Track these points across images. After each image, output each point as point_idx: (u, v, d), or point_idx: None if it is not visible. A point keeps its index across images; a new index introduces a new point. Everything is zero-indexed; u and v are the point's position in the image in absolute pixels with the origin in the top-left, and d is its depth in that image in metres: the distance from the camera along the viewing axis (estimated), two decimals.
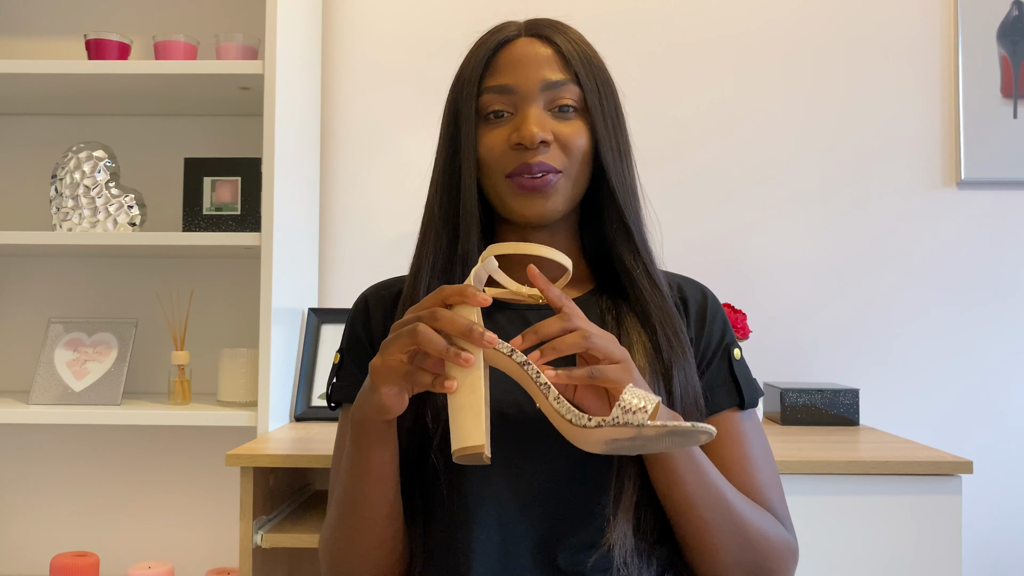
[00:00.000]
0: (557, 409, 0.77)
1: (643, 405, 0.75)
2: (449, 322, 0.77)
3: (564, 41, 0.96)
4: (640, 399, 0.76)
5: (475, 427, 0.76)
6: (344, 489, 0.90)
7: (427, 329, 0.77)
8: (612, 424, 0.75)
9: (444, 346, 0.76)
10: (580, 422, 0.76)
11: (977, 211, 1.90)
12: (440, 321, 0.77)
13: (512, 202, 0.95)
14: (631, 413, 0.75)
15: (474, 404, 0.77)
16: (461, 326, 0.76)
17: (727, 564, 0.90)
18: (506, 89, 0.95)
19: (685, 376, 0.93)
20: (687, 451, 0.86)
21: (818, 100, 1.92)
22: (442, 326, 0.77)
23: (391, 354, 0.79)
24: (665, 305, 0.95)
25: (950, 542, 1.32)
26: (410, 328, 0.77)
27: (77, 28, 1.92)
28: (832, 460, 1.32)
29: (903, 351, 1.89)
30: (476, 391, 0.77)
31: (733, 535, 0.89)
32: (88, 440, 1.92)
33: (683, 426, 0.75)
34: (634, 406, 0.75)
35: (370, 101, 1.96)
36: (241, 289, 1.90)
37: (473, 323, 0.77)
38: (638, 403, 0.75)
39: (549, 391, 0.77)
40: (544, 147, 0.93)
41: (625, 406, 0.75)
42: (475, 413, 0.77)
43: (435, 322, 0.77)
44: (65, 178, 1.71)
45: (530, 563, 0.89)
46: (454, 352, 0.76)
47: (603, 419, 0.76)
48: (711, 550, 0.90)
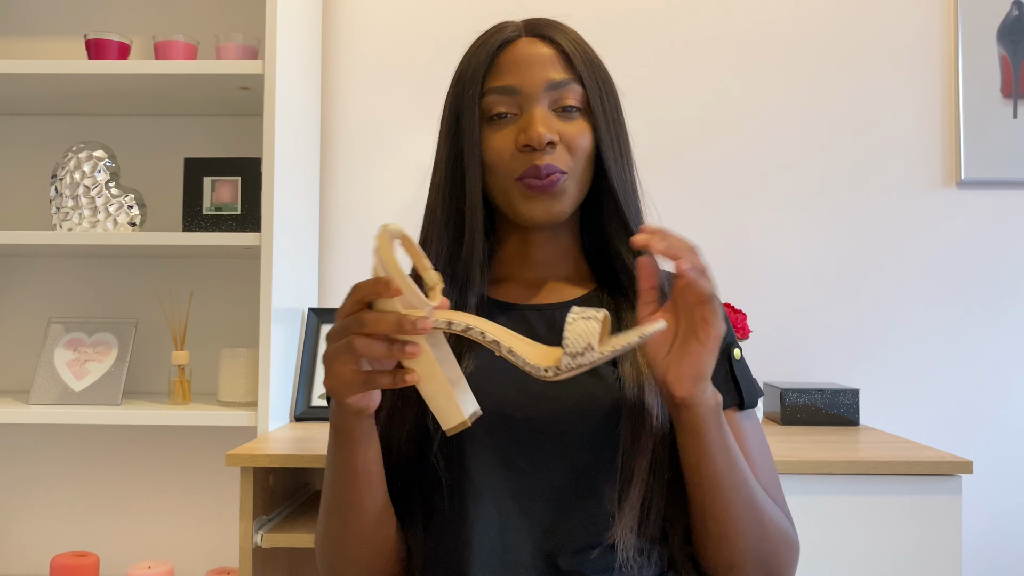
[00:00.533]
0: (514, 362, 0.78)
1: (588, 343, 0.75)
2: (376, 324, 0.75)
3: (565, 41, 0.96)
4: (583, 337, 0.75)
5: (448, 407, 0.78)
6: (332, 494, 0.90)
7: (362, 340, 0.75)
8: (567, 370, 0.76)
9: (385, 348, 0.75)
10: (537, 374, 0.77)
11: (977, 211, 1.90)
12: (368, 326, 0.75)
13: (520, 205, 0.95)
14: (580, 356, 0.75)
15: (440, 387, 0.78)
16: (390, 324, 0.75)
17: (743, 552, 0.89)
18: (510, 90, 0.94)
19: None
20: (722, 427, 0.85)
21: (818, 100, 1.92)
22: (373, 330, 0.75)
23: (338, 369, 0.78)
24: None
25: (950, 542, 1.32)
26: (345, 343, 0.76)
27: (77, 28, 1.92)
28: (832, 460, 1.32)
29: (903, 351, 1.89)
30: (435, 375, 0.78)
31: (752, 522, 0.89)
32: (88, 440, 1.92)
33: (632, 342, 0.76)
34: (580, 347, 0.75)
35: (370, 101, 1.96)
36: (241, 289, 1.90)
37: (401, 316, 0.75)
38: (582, 343, 0.75)
39: (500, 346, 0.78)
40: (551, 148, 0.93)
41: (571, 349, 0.75)
42: (444, 395, 0.78)
43: (364, 329, 0.76)
44: (65, 178, 1.71)
45: (530, 563, 0.88)
46: (398, 349, 0.76)
47: (557, 368, 0.76)
48: (731, 535, 0.89)
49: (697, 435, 0.86)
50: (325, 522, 0.92)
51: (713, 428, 0.85)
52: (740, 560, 0.90)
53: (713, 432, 0.85)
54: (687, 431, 0.86)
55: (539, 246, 1.01)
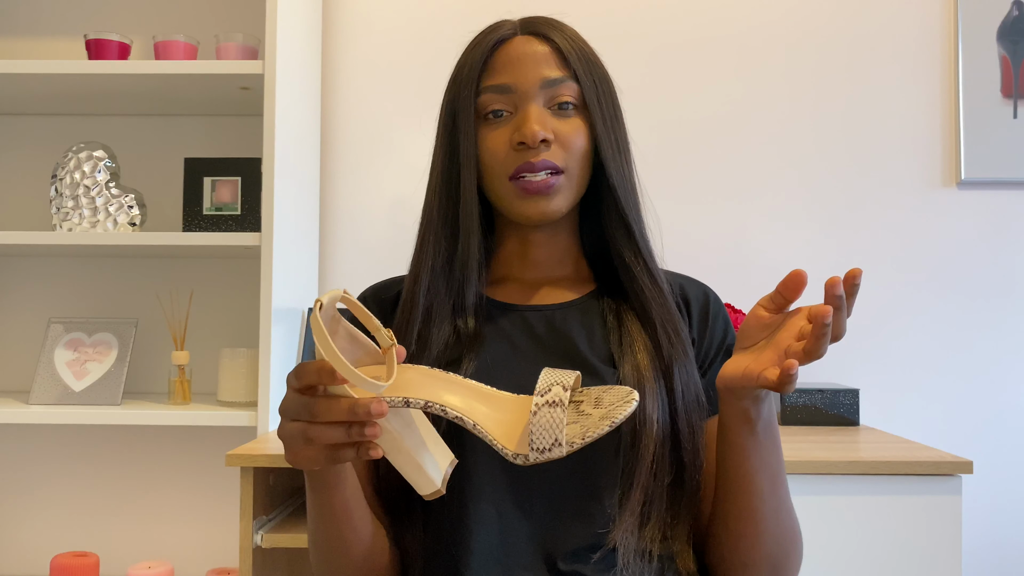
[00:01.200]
0: (483, 437, 0.76)
1: (555, 438, 0.73)
2: (328, 413, 0.71)
3: (561, 38, 0.96)
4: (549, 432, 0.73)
5: (420, 478, 0.78)
6: (315, 533, 0.89)
7: (315, 428, 0.72)
8: (535, 462, 0.74)
9: (342, 433, 0.72)
10: (505, 455, 0.75)
11: (977, 211, 1.90)
12: (320, 416, 0.71)
13: (515, 204, 0.95)
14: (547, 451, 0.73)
15: (406, 460, 0.78)
16: (343, 413, 0.71)
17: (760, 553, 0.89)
18: (505, 88, 0.94)
19: (686, 374, 0.93)
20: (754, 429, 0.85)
21: (818, 100, 1.92)
22: (325, 419, 0.71)
23: (297, 451, 0.75)
24: (666, 303, 0.95)
25: (950, 542, 1.32)
26: (300, 431, 0.73)
27: (77, 28, 1.92)
28: (832, 460, 1.32)
29: (903, 351, 1.89)
30: (400, 450, 0.77)
31: (774, 525, 0.89)
32: (88, 440, 1.92)
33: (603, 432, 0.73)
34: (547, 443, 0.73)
35: (370, 101, 1.96)
36: (241, 289, 1.90)
37: (354, 402, 0.70)
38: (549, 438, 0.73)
39: (464, 422, 0.76)
40: (545, 145, 0.93)
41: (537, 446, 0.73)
42: (413, 467, 0.78)
43: (316, 418, 0.72)
44: (65, 178, 1.71)
45: (530, 563, 0.88)
46: (355, 432, 0.72)
47: (525, 456, 0.74)
48: (752, 535, 0.89)
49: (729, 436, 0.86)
50: (315, 556, 0.92)
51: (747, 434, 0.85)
52: (755, 560, 0.90)
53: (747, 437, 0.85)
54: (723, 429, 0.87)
55: (538, 246, 1.01)
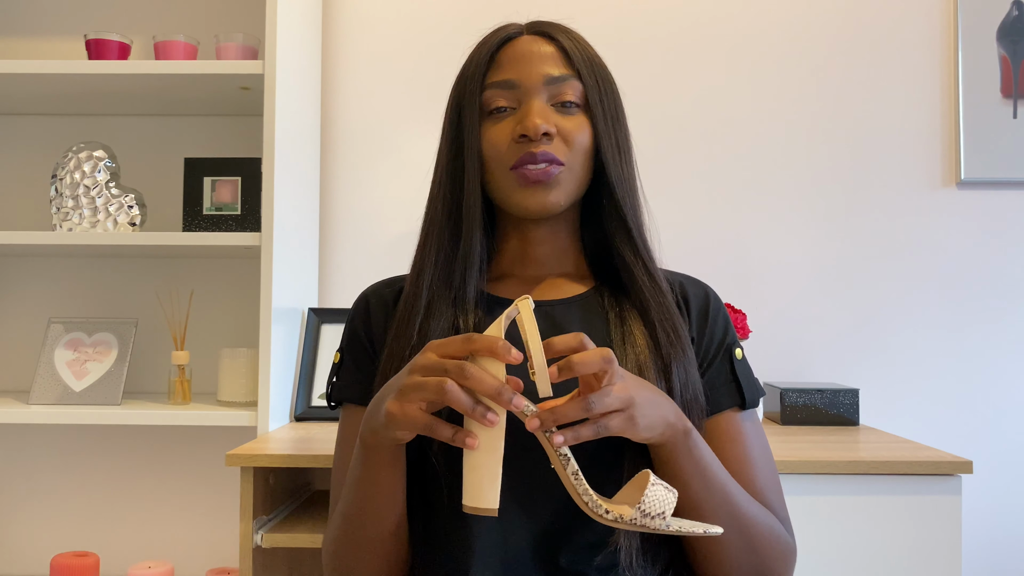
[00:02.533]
0: (575, 486, 0.76)
1: (663, 511, 0.74)
2: (479, 382, 0.74)
3: (566, 39, 0.98)
4: (661, 503, 0.74)
5: (490, 489, 0.75)
6: (350, 503, 0.89)
7: (455, 388, 0.74)
8: (630, 524, 0.74)
9: (471, 405, 0.74)
10: (596, 511, 0.75)
11: (977, 211, 1.90)
12: (470, 380, 0.74)
13: (515, 195, 0.95)
14: (650, 518, 0.74)
15: (492, 464, 0.75)
16: (491, 388, 0.74)
17: (731, 567, 0.90)
18: (509, 84, 0.95)
19: (685, 373, 0.93)
20: (693, 453, 0.86)
21: (818, 100, 1.92)
22: (471, 385, 0.74)
23: (410, 402, 0.77)
24: (664, 302, 0.96)
25: (950, 542, 1.32)
26: (437, 383, 0.75)
27: (77, 28, 1.92)
28: (832, 460, 1.32)
29: (903, 351, 1.89)
30: (496, 451, 0.75)
31: (738, 538, 0.89)
32: (88, 440, 1.92)
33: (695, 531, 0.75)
34: (655, 511, 0.74)
35: (370, 101, 1.96)
36: (241, 289, 1.90)
37: (503, 385, 0.74)
38: (659, 508, 0.74)
39: (568, 464, 0.76)
40: (547, 139, 0.93)
41: (646, 510, 0.74)
42: (492, 475, 0.75)
43: (464, 380, 0.74)
44: (65, 178, 1.71)
45: (531, 562, 0.88)
46: (480, 412, 0.74)
47: (620, 516, 0.74)
48: (716, 553, 0.90)
49: (665, 466, 0.86)
50: (340, 529, 0.92)
51: (682, 457, 0.85)
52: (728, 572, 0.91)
53: (682, 461, 0.85)
54: (658, 463, 0.87)
55: (538, 243, 1.01)
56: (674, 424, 0.84)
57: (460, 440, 0.75)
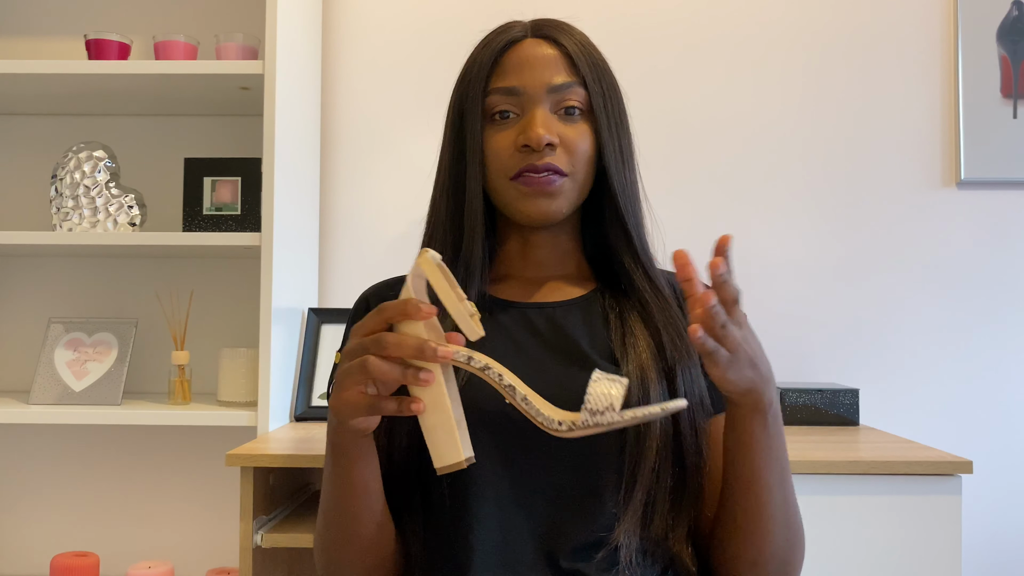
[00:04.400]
0: (526, 410, 0.76)
1: (609, 403, 0.74)
2: (397, 347, 0.74)
3: (571, 43, 0.97)
4: (605, 397, 0.74)
5: (448, 444, 0.76)
6: (329, 507, 0.90)
7: (377, 362, 0.74)
8: (582, 427, 0.75)
9: (399, 373, 0.74)
10: (550, 426, 0.75)
11: (977, 211, 1.90)
12: (388, 348, 0.74)
13: (517, 203, 0.95)
14: (599, 414, 0.74)
15: (443, 421, 0.76)
16: (411, 348, 0.74)
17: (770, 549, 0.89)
18: (512, 91, 0.95)
19: (690, 377, 0.93)
20: (764, 431, 0.85)
21: (818, 100, 1.92)
22: (392, 352, 0.74)
23: (347, 389, 0.77)
24: (668, 307, 0.96)
25: (950, 542, 1.32)
26: (359, 363, 0.75)
27: (77, 28, 1.92)
28: (832, 460, 1.32)
29: (903, 351, 1.89)
30: (443, 407, 0.76)
31: (783, 521, 0.89)
32: (88, 440, 1.92)
33: (653, 414, 0.75)
34: (601, 406, 0.74)
35: (370, 101, 1.96)
36: (241, 289, 1.90)
37: (423, 341, 0.74)
38: (604, 402, 0.74)
39: (515, 393, 0.77)
40: (550, 149, 0.93)
41: (592, 407, 0.74)
42: (446, 430, 0.76)
43: (383, 350, 0.74)
44: (65, 178, 1.71)
45: (531, 562, 0.88)
46: (411, 375, 0.74)
47: (573, 423, 0.75)
48: (762, 532, 0.88)
49: (736, 430, 0.86)
50: (323, 531, 0.92)
51: (757, 428, 0.84)
52: (765, 558, 0.89)
53: (756, 431, 0.85)
54: (730, 423, 0.87)
55: (539, 246, 1.01)
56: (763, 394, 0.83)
57: (406, 408, 0.75)
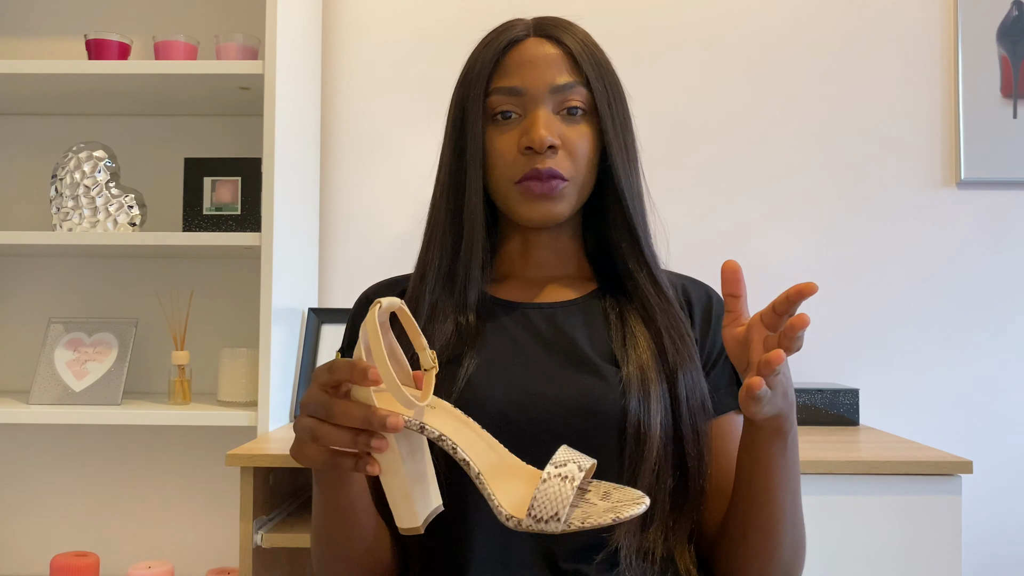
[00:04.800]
0: (480, 489, 0.72)
1: (555, 512, 0.68)
2: (344, 416, 0.70)
3: (573, 42, 0.96)
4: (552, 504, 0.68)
5: (404, 509, 0.74)
6: (319, 526, 0.89)
7: (328, 429, 0.71)
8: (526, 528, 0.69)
9: (350, 438, 0.71)
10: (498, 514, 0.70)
11: (977, 211, 1.90)
12: (335, 417, 0.71)
13: (519, 207, 0.95)
14: (543, 522, 0.68)
15: (398, 485, 0.74)
16: (358, 419, 0.70)
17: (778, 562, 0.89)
18: (515, 91, 0.94)
19: (692, 379, 0.92)
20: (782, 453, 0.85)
21: (818, 100, 1.92)
22: (339, 421, 0.71)
23: (303, 445, 0.75)
24: (671, 309, 0.95)
25: (950, 542, 1.32)
26: (309, 428, 0.72)
27: (77, 28, 1.92)
28: (832, 460, 1.32)
29: (903, 351, 1.89)
30: (396, 472, 0.74)
31: (792, 535, 0.89)
32: (88, 440, 1.92)
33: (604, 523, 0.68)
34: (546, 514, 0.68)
35: (370, 101, 1.96)
36: (241, 289, 1.90)
37: (369, 411, 0.70)
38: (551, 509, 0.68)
39: (469, 468, 0.72)
40: (552, 151, 0.93)
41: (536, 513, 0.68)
42: (402, 495, 0.74)
43: (331, 419, 0.71)
44: (65, 178, 1.71)
45: (531, 563, 0.88)
46: (362, 442, 0.71)
47: (519, 521, 0.69)
48: (771, 548, 0.89)
49: (754, 451, 0.86)
50: (317, 549, 0.92)
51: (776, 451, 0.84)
52: (770, 570, 0.90)
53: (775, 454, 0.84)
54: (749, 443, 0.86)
55: (540, 246, 1.01)
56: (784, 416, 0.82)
57: (362, 468, 0.73)
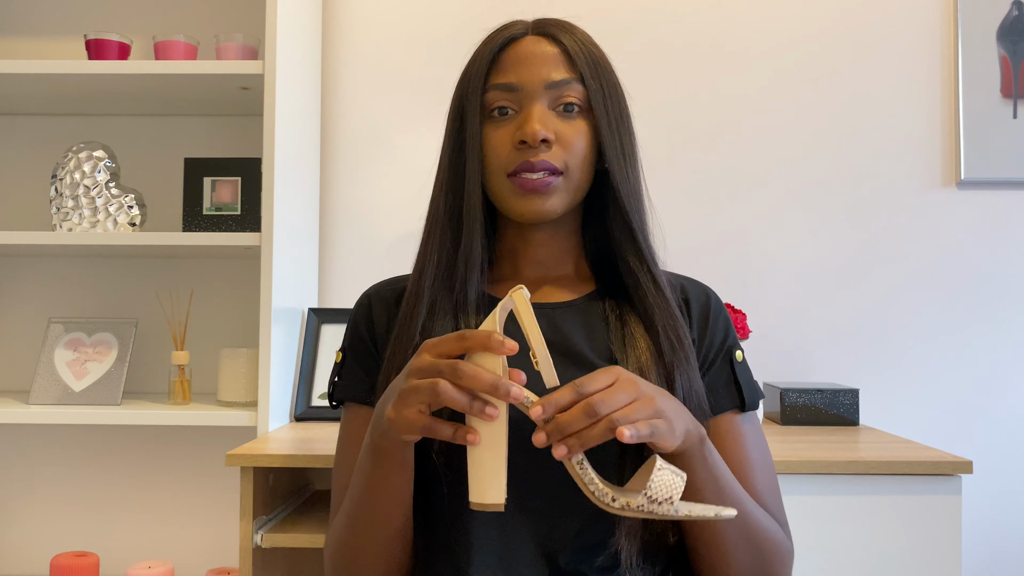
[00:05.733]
0: (580, 476, 0.75)
1: (670, 496, 0.73)
2: (472, 379, 0.73)
3: (570, 40, 0.97)
4: (668, 488, 0.73)
5: (494, 483, 0.75)
6: (357, 504, 0.89)
7: (449, 388, 0.74)
8: (637, 511, 0.73)
9: (468, 402, 0.74)
10: (603, 500, 0.73)
11: (977, 211, 1.90)
12: (463, 379, 0.74)
13: (511, 201, 0.95)
14: (657, 503, 0.73)
15: (495, 458, 0.75)
16: (486, 383, 0.73)
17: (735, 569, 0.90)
18: (511, 87, 0.95)
19: (688, 380, 0.92)
20: (708, 460, 0.85)
21: (818, 100, 1.92)
22: (466, 383, 0.74)
23: (408, 407, 0.77)
24: (669, 308, 0.95)
25: (950, 542, 1.32)
26: (430, 385, 0.75)
27: (77, 28, 1.92)
28: (832, 460, 1.32)
29: (903, 351, 1.89)
30: (498, 444, 0.75)
31: (745, 544, 0.89)
32: (88, 440, 1.92)
33: (707, 517, 0.73)
34: (661, 495, 0.73)
35: (370, 101, 1.96)
36: (241, 289, 1.90)
37: (499, 379, 0.73)
38: (666, 493, 0.73)
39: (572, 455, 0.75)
40: (546, 145, 0.93)
41: (653, 495, 0.73)
42: (495, 469, 0.75)
43: (458, 379, 0.74)
44: (65, 178, 1.71)
45: (531, 563, 0.88)
46: (478, 407, 0.74)
47: (627, 503, 0.73)
48: (724, 561, 0.90)
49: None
50: (347, 529, 0.92)
51: (698, 464, 0.84)
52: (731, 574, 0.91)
53: (698, 468, 0.85)
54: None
55: (539, 245, 1.01)
56: (692, 432, 0.83)
57: (461, 437, 0.75)
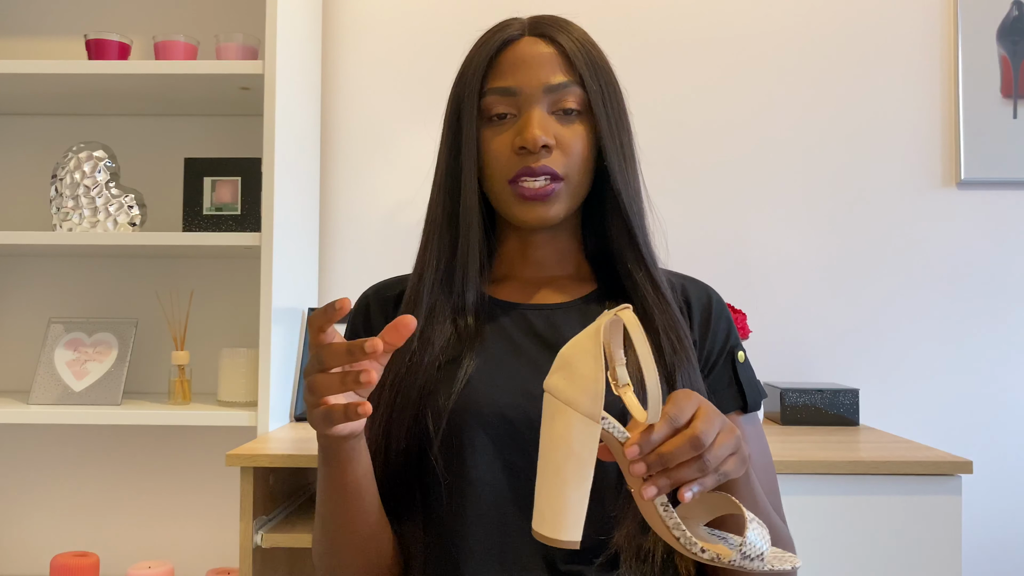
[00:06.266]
0: (664, 520, 0.70)
1: (761, 552, 0.71)
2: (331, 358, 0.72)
3: (568, 41, 0.95)
4: (761, 544, 0.71)
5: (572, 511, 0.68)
6: (324, 510, 0.89)
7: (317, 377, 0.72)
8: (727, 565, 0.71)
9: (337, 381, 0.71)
10: (691, 548, 0.70)
11: (977, 211, 1.90)
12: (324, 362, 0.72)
13: (512, 208, 0.95)
14: (749, 560, 0.71)
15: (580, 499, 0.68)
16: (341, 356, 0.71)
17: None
18: (509, 91, 0.94)
19: (689, 380, 0.92)
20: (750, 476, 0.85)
21: (818, 100, 1.92)
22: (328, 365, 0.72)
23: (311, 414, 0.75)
24: (669, 310, 0.95)
25: (950, 542, 1.32)
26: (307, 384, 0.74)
27: (77, 28, 1.92)
28: (832, 460, 1.32)
29: (903, 351, 1.89)
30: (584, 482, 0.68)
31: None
32: (88, 440, 1.92)
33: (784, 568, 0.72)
34: (754, 552, 0.71)
35: (370, 101, 1.96)
36: (241, 289, 1.90)
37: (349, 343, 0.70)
38: (758, 550, 0.71)
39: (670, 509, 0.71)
40: (546, 151, 0.92)
41: (747, 552, 0.71)
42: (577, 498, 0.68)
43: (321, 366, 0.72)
44: (65, 178, 1.71)
45: (530, 563, 0.88)
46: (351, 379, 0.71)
47: (718, 555, 0.70)
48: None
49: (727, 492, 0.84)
50: (320, 533, 0.92)
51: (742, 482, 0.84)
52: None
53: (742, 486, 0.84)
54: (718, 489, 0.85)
55: (539, 246, 1.01)
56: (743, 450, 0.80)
57: (353, 414, 0.71)
